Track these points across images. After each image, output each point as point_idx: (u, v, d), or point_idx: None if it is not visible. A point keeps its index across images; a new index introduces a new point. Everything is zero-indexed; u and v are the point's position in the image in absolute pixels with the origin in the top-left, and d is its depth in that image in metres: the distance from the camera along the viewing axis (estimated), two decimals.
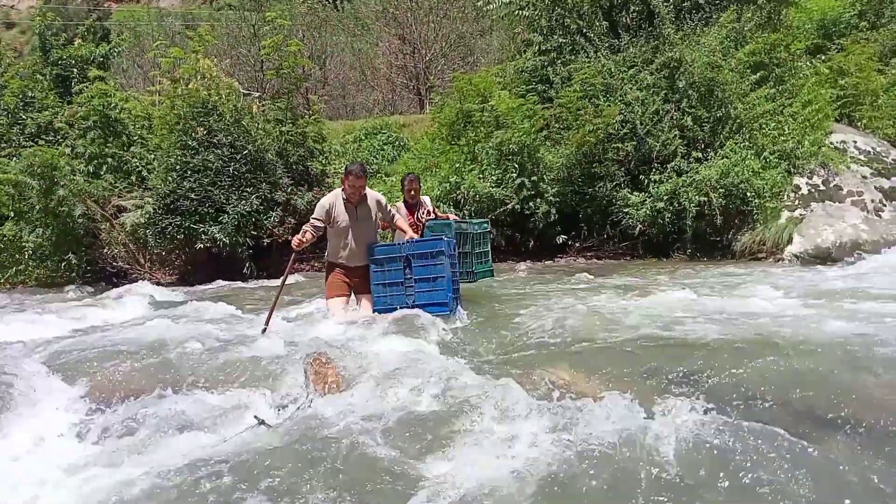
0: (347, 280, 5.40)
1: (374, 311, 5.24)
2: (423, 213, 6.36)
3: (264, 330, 5.08)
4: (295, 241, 5.32)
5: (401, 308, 5.10)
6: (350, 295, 5.49)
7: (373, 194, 5.40)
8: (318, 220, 5.21)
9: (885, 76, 12.35)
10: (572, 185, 10.76)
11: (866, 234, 8.90)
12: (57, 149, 11.12)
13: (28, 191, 10.44)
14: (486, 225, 6.67)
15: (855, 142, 10.47)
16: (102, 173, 11.28)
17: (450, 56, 20.26)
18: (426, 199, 6.62)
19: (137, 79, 20.57)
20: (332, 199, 5.26)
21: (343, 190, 5.22)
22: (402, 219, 5.72)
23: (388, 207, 5.57)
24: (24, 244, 10.71)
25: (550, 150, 11.01)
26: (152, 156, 11.17)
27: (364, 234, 5.33)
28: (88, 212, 10.58)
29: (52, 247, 10.65)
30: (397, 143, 14.83)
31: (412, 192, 6.36)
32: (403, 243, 5.23)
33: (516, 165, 10.60)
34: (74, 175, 10.64)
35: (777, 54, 11.28)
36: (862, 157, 10.18)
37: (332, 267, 5.45)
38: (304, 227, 5.24)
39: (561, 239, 10.76)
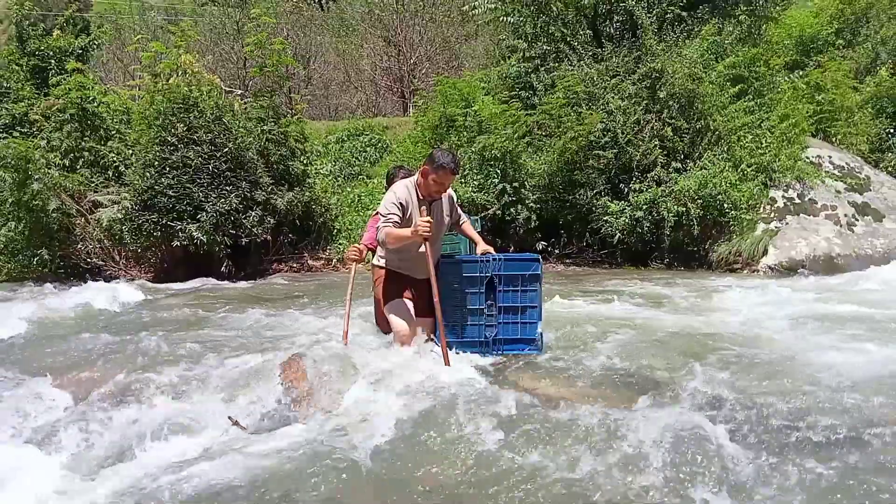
0: (411, 295, 4.14)
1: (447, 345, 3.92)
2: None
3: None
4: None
5: (479, 343, 4.05)
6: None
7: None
8: (395, 215, 3.88)
9: (860, 93, 12.63)
10: (553, 192, 10.82)
11: (839, 248, 9.08)
12: (32, 141, 10.90)
13: (0, 184, 10.22)
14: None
15: (830, 157, 10.68)
16: (78, 167, 11.08)
17: (434, 59, 20.30)
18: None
19: (117, 72, 20.28)
20: (405, 194, 3.97)
21: (420, 184, 4.00)
22: (469, 224, 4.50)
23: (457, 206, 4.39)
24: None
25: (532, 157, 11.08)
26: (130, 151, 11.01)
27: (438, 241, 4.17)
28: (63, 206, 10.38)
29: (24, 241, 10.43)
30: (380, 144, 14.82)
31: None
32: (485, 260, 4.05)
33: (498, 171, 10.63)
34: (49, 168, 10.43)
35: (756, 68, 11.49)
36: (836, 172, 10.38)
37: (392, 274, 4.16)
38: (380, 226, 3.90)
39: (541, 245, 10.82)
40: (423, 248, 3.88)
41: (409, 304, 4.08)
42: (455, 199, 4.31)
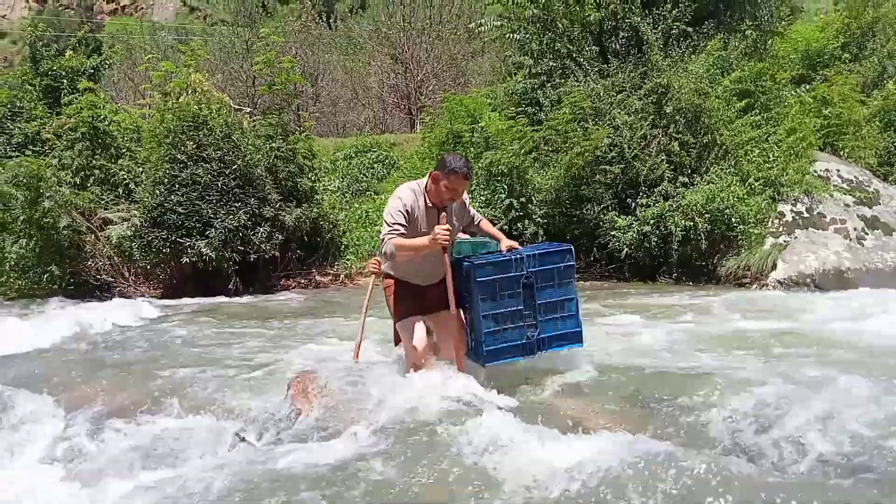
0: (422, 301, 3.96)
1: (483, 361, 3.81)
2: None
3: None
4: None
5: (521, 346, 3.79)
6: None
7: None
8: (401, 226, 3.67)
9: (867, 107, 12.60)
10: (560, 207, 10.82)
11: (849, 262, 9.01)
12: (44, 160, 11.03)
13: (12, 201, 10.33)
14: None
15: (838, 170, 10.63)
16: (89, 185, 11.20)
17: (441, 76, 20.43)
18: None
19: (128, 91, 20.52)
20: (412, 199, 3.75)
21: (430, 190, 3.77)
22: (487, 222, 4.29)
23: (469, 207, 4.18)
24: (5, 255, 10.56)
25: (539, 172, 11.09)
26: (140, 169, 11.12)
27: (450, 248, 3.89)
28: (73, 224, 10.47)
29: (35, 258, 10.51)
30: (387, 161, 14.89)
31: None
32: (519, 257, 3.80)
33: (505, 186, 10.66)
34: (60, 186, 10.54)
35: (762, 83, 11.48)
36: (845, 185, 10.33)
37: (402, 285, 3.97)
38: (385, 239, 3.64)
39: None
40: (428, 261, 3.71)
41: (422, 325, 3.89)
42: (468, 202, 4.09)
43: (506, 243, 3.98)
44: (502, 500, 2.56)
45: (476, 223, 4.17)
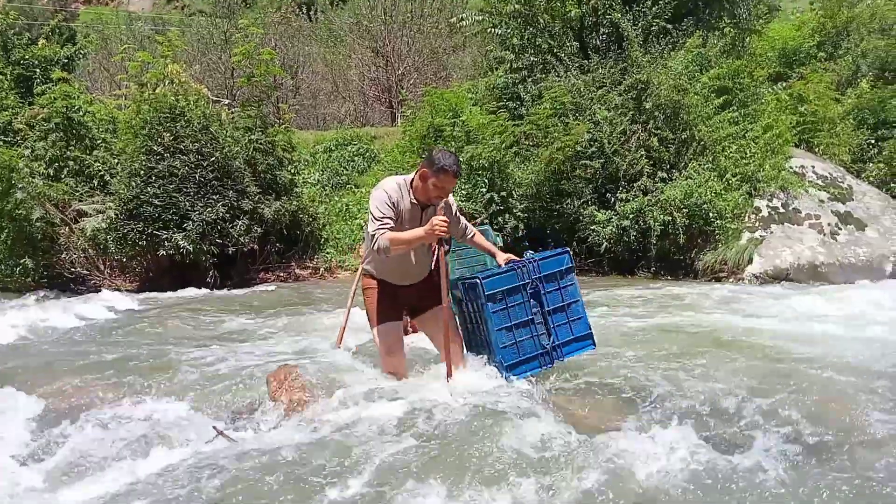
0: (405, 302, 3.87)
1: (508, 373, 3.67)
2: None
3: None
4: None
5: (539, 355, 3.76)
6: (403, 320, 3.99)
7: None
8: (390, 219, 3.49)
9: (841, 105, 12.81)
10: (540, 202, 10.87)
11: (823, 257, 9.17)
12: (16, 150, 10.80)
13: None
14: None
15: (813, 167, 10.80)
16: (63, 177, 10.99)
17: (422, 70, 20.39)
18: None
19: (103, 82, 20.15)
20: (397, 194, 3.56)
21: (416, 187, 3.57)
22: (480, 235, 4.11)
23: (459, 216, 3.95)
24: None
25: (520, 167, 11.14)
26: (116, 160, 10.94)
27: (430, 249, 3.81)
28: (47, 215, 10.28)
29: (7, 251, 10.32)
30: (368, 154, 14.84)
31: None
32: (521, 266, 3.79)
33: (486, 180, 10.67)
34: (33, 178, 10.33)
35: (740, 80, 11.63)
36: (819, 181, 10.50)
37: (384, 286, 3.78)
38: (376, 234, 3.44)
39: (528, 254, 10.83)
40: (410, 260, 3.61)
41: (400, 334, 3.84)
42: (455, 209, 3.85)
43: (502, 257, 3.90)
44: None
45: (469, 237, 3.97)
